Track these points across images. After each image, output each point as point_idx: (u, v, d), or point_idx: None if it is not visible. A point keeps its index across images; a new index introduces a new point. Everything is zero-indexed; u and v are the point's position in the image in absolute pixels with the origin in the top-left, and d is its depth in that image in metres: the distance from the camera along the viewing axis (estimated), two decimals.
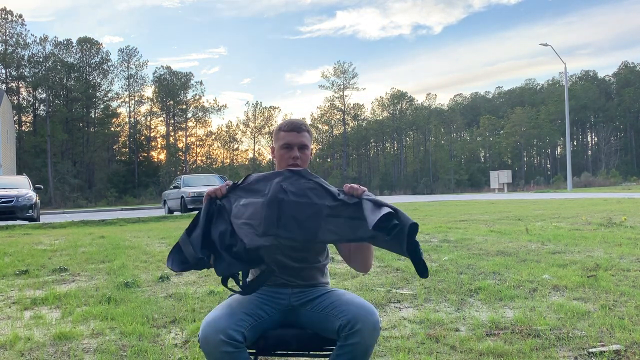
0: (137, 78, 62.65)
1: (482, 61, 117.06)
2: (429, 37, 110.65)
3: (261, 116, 70.30)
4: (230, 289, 2.07)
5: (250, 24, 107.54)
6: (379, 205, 1.89)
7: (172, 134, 65.31)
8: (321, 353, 2.15)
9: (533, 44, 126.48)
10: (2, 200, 14.02)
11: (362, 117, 76.24)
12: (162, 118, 65.76)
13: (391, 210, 1.83)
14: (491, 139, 77.02)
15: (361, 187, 2.01)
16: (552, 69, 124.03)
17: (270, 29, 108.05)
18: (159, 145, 66.04)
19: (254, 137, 70.15)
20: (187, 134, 65.90)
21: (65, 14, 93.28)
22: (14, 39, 55.19)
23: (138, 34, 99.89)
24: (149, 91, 64.28)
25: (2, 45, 55.03)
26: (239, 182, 2.07)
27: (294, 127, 2.20)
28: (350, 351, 1.94)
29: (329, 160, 74.31)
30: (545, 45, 35.26)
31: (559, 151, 79.65)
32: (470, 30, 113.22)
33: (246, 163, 70.14)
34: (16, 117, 53.73)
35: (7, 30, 54.81)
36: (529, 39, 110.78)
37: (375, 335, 1.96)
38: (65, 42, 58.69)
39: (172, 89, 63.44)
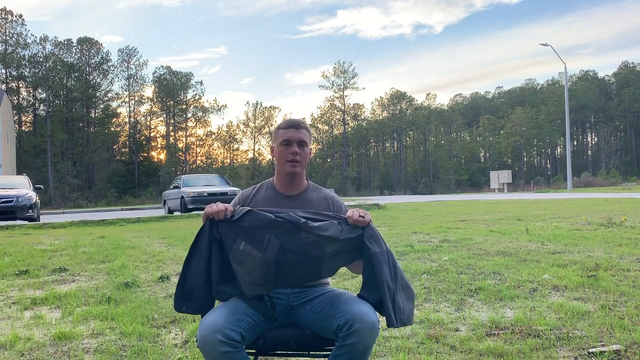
0: (137, 78, 62.67)
1: (483, 61, 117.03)
2: (430, 37, 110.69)
3: (261, 116, 70.25)
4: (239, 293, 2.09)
5: (250, 23, 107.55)
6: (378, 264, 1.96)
7: (172, 134, 65.28)
8: (321, 353, 2.15)
9: (533, 43, 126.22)
10: (2, 200, 14.01)
11: (362, 117, 76.25)
12: (162, 118, 65.77)
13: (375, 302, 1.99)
14: (491, 139, 76.91)
15: (365, 216, 2.01)
16: (552, 69, 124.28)
17: (270, 28, 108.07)
18: (159, 145, 66.08)
19: (254, 137, 70.13)
20: (187, 134, 65.91)
21: (64, 13, 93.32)
22: (14, 39, 55.13)
23: (138, 33, 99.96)
24: (149, 91, 64.38)
25: (2, 45, 54.99)
26: (237, 215, 2.03)
27: (293, 124, 2.24)
28: (348, 351, 1.94)
29: (329, 160, 74.27)
30: (545, 45, 35.29)
31: (559, 151, 79.60)
32: (471, 30, 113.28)
33: (246, 163, 70.14)
34: (16, 117, 53.71)
35: (7, 30, 54.75)
36: (530, 39, 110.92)
37: (373, 336, 1.96)
38: (65, 42, 58.72)
39: (172, 89, 63.40)
